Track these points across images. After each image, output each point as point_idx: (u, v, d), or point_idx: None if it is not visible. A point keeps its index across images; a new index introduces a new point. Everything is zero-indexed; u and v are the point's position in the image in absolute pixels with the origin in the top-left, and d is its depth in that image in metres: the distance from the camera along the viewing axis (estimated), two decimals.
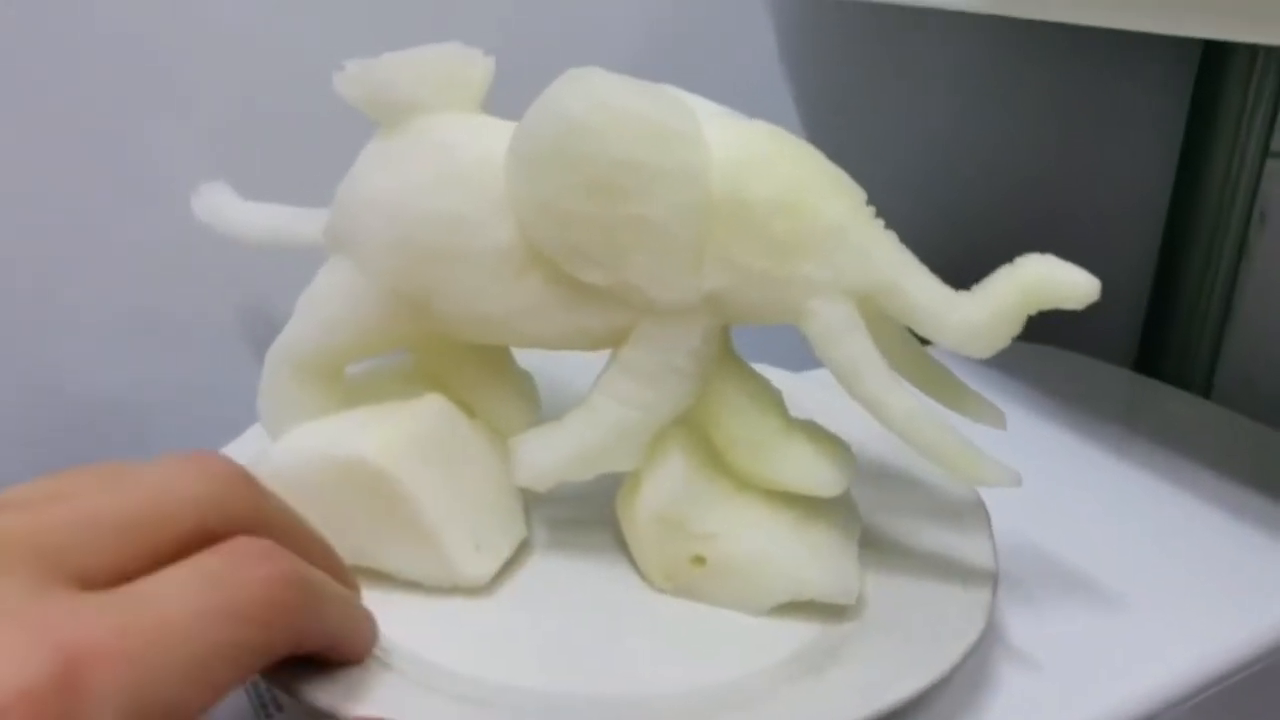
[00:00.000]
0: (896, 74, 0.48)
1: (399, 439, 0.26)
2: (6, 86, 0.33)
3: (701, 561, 0.27)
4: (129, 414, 0.38)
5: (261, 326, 0.39)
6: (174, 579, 0.18)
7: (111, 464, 0.20)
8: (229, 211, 0.32)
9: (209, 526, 0.20)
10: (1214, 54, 0.53)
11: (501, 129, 0.25)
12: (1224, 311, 0.54)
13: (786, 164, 0.24)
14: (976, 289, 0.24)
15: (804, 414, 0.28)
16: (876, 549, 0.28)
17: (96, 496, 0.19)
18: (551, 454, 0.27)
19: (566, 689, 0.24)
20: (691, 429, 0.27)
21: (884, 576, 0.27)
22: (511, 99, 0.26)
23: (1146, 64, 0.54)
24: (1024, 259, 0.23)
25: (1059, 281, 0.23)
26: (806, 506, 0.27)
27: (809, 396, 0.31)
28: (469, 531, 0.27)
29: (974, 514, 0.29)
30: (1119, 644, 0.28)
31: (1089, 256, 0.23)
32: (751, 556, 0.26)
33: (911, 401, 0.24)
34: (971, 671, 0.26)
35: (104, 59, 0.34)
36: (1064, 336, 0.44)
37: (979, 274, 0.24)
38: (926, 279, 0.24)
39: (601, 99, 0.23)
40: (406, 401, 0.28)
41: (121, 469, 0.20)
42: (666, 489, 0.26)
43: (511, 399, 0.30)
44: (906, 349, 0.27)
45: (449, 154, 0.26)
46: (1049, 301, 0.23)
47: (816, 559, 0.26)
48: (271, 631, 0.19)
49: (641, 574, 0.28)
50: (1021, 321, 0.23)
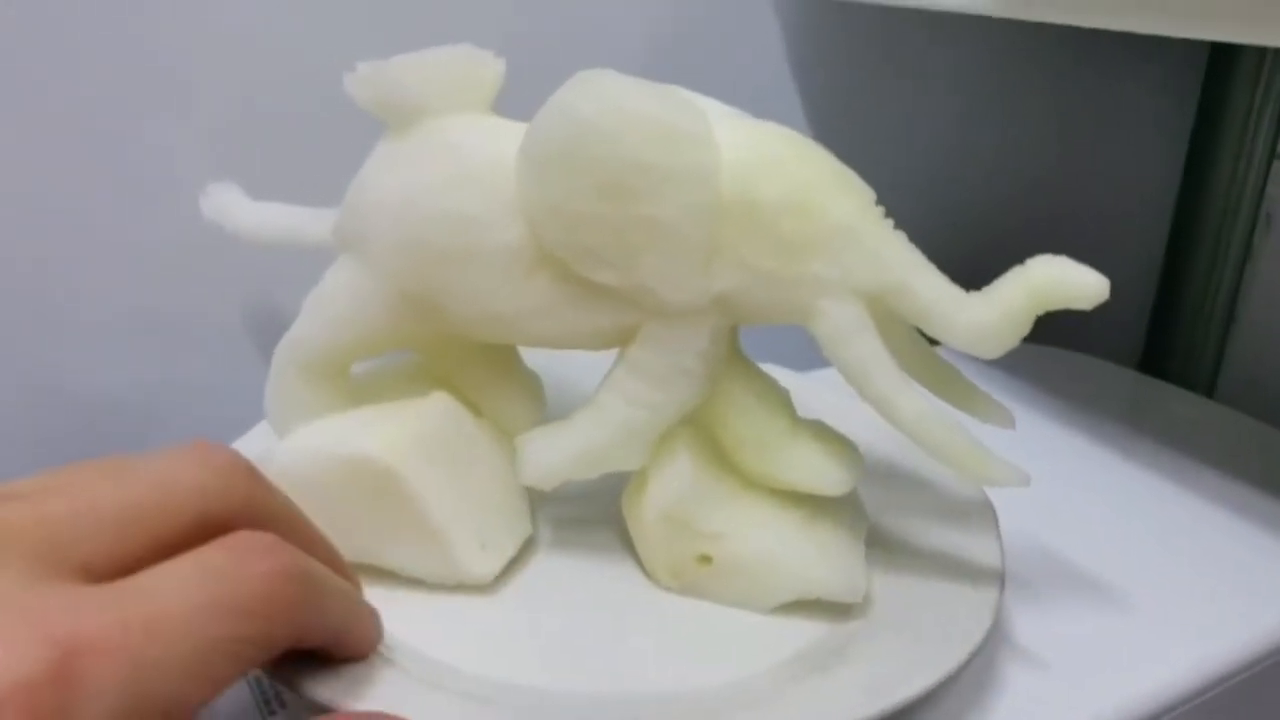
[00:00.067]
0: (901, 76, 0.48)
1: (405, 438, 0.26)
2: (6, 86, 0.33)
3: (708, 560, 0.27)
4: (131, 414, 0.38)
5: (264, 326, 0.39)
6: (175, 572, 0.18)
7: (113, 457, 0.20)
8: (237, 211, 0.32)
9: (210, 517, 0.20)
10: (1221, 56, 0.53)
11: (512, 130, 0.25)
12: (1229, 313, 0.54)
13: (795, 164, 0.24)
14: (986, 289, 0.24)
15: (811, 414, 0.28)
16: (883, 548, 0.28)
17: (97, 487, 0.19)
18: (558, 453, 0.27)
19: (571, 687, 0.24)
20: (698, 428, 0.27)
21: (891, 576, 0.27)
22: (517, 100, 0.26)
23: (1152, 66, 0.54)
24: (1034, 260, 0.23)
25: (1069, 282, 0.23)
26: (813, 506, 0.27)
27: (816, 396, 0.31)
28: (475, 530, 0.27)
29: (981, 514, 0.29)
30: (1125, 644, 0.28)
31: (1094, 258, 0.23)
32: (758, 555, 0.26)
33: (921, 402, 0.24)
34: (978, 671, 0.26)
35: (104, 59, 0.34)
36: (1069, 337, 0.44)
37: (984, 276, 0.24)
38: (936, 279, 0.24)
39: (612, 101, 0.23)
40: (413, 400, 0.28)
41: (123, 461, 0.20)
42: (673, 488, 0.26)
43: (518, 398, 0.30)
44: (915, 349, 0.27)
45: (459, 155, 0.26)
46: (1059, 302, 0.23)
47: (823, 558, 0.26)
48: (272, 626, 0.19)
49: (647, 573, 0.28)
50: (1031, 322, 0.23)
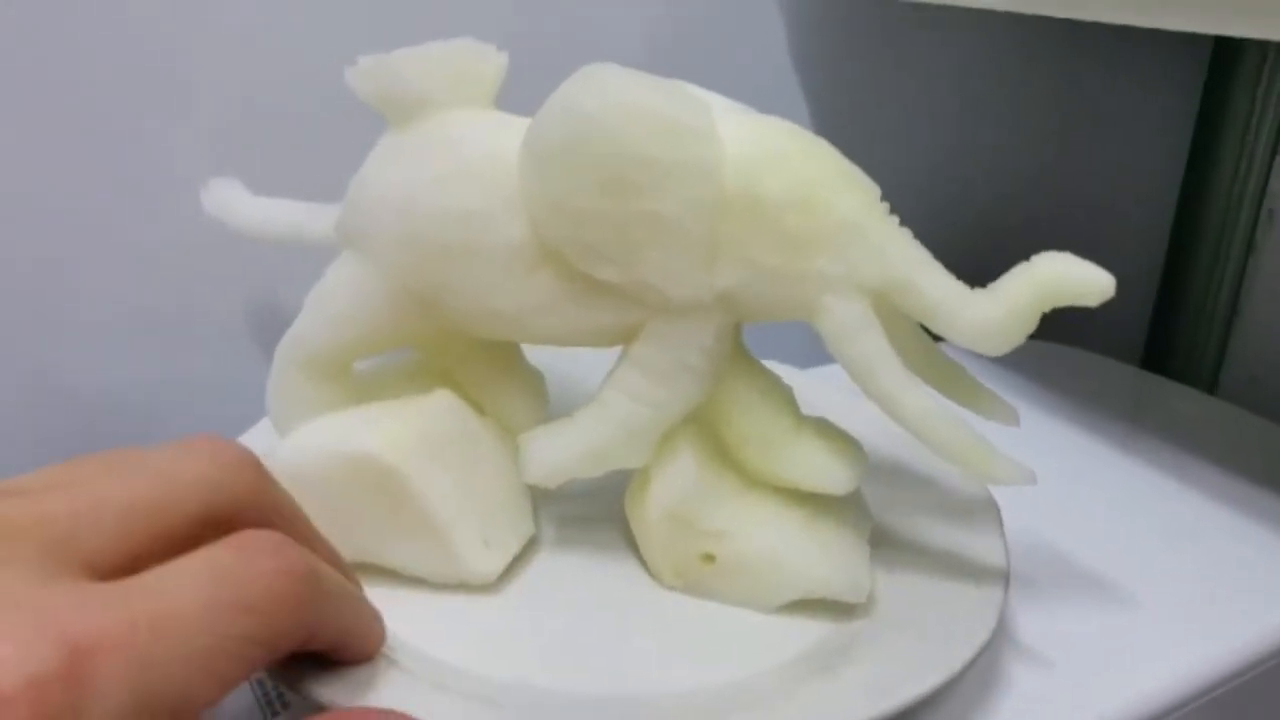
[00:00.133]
0: (902, 71, 0.48)
1: (408, 435, 0.26)
2: (6, 86, 0.33)
3: (711, 559, 0.27)
4: (133, 413, 0.38)
5: (265, 323, 0.39)
6: (182, 570, 0.18)
7: (118, 450, 0.20)
8: (239, 207, 0.32)
9: (216, 511, 0.19)
10: (1223, 52, 0.53)
11: (514, 125, 0.25)
12: (1231, 310, 0.54)
13: (800, 159, 0.24)
14: (992, 286, 0.23)
15: (814, 411, 0.28)
16: (888, 547, 0.28)
17: (102, 482, 0.19)
18: (561, 451, 0.26)
19: (574, 687, 0.24)
20: (702, 426, 0.27)
21: (895, 575, 0.27)
22: (518, 99, 0.26)
23: (1155, 61, 0.54)
24: (1040, 256, 0.23)
25: (1076, 279, 0.22)
26: (817, 504, 0.27)
27: (819, 394, 0.31)
28: (478, 528, 0.27)
29: (985, 512, 0.29)
30: (1130, 643, 0.28)
31: (1096, 254, 0.23)
32: (762, 554, 0.26)
33: (926, 399, 0.24)
34: (983, 670, 0.26)
35: (105, 59, 0.34)
36: (1071, 334, 0.44)
37: (985, 273, 0.24)
38: (941, 275, 0.24)
39: (615, 96, 0.23)
40: (415, 398, 0.28)
41: (127, 455, 0.20)
42: (677, 486, 0.26)
43: (521, 396, 0.30)
44: (920, 346, 0.27)
45: (461, 150, 0.26)
46: (1066, 299, 0.22)
47: (827, 557, 0.26)
48: (279, 625, 0.19)
49: (650, 571, 0.28)
50: (1037, 319, 0.23)
